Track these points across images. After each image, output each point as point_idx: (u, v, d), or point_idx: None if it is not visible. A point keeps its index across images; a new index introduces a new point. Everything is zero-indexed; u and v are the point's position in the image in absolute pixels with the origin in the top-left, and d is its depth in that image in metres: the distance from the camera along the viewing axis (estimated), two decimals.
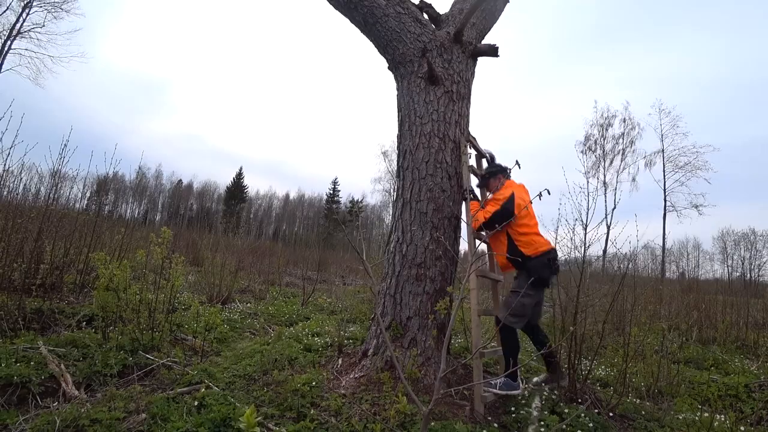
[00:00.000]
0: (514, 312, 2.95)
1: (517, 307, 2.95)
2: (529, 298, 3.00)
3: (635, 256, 4.20)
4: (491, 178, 3.47)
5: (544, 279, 3.00)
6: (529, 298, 3.00)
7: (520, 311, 2.97)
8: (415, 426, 2.41)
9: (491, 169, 3.51)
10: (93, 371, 2.90)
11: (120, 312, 3.50)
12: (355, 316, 6.12)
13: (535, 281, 2.94)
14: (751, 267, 35.51)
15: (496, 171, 3.47)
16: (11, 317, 3.45)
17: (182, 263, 3.84)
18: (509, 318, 2.95)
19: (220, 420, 2.29)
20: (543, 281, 3.00)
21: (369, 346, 3.29)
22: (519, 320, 3.00)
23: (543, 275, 2.98)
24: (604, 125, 28.66)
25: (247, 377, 3.10)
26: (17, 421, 2.20)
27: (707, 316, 7.15)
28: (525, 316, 3.01)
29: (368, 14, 3.61)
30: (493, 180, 3.45)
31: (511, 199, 3.07)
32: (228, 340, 4.38)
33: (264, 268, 10.59)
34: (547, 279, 3.02)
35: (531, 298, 3.01)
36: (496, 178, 3.44)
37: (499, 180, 3.42)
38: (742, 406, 3.51)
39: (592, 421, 2.60)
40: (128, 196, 55.62)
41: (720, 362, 5.05)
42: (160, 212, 59.53)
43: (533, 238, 3.07)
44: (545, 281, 3.03)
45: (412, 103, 3.59)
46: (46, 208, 4.70)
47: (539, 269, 2.98)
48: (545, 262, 2.99)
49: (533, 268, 2.99)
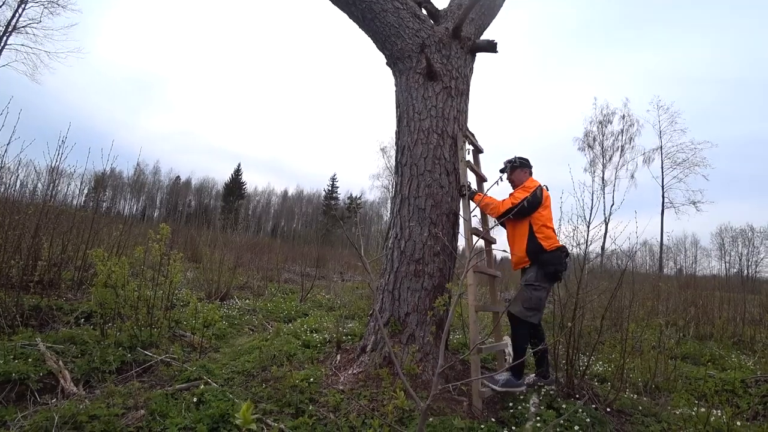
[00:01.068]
0: (530, 305, 3.00)
1: (534, 301, 3.01)
2: (544, 291, 3.07)
3: (633, 253, 4.20)
4: (519, 168, 3.45)
5: (558, 272, 3.05)
6: (544, 291, 3.07)
7: (536, 304, 3.02)
8: (413, 421, 2.42)
9: (521, 160, 3.48)
10: (91, 368, 2.91)
11: (118, 308, 3.50)
12: (354, 312, 6.14)
13: (548, 274, 3.01)
14: (748, 263, 35.65)
15: (525, 164, 3.47)
16: (9, 314, 3.45)
17: (180, 260, 3.83)
18: (524, 312, 2.99)
19: (218, 416, 2.30)
20: (556, 274, 3.06)
21: (367, 342, 3.29)
22: (535, 314, 3.03)
23: (558, 268, 3.04)
24: (604, 122, 28.69)
25: (246, 373, 3.11)
26: (16, 418, 2.20)
27: (704, 313, 7.19)
28: (540, 309, 3.06)
29: (366, 9, 3.59)
30: (521, 171, 3.44)
31: (540, 190, 3.16)
32: (226, 336, 4.38)
33: (262, 264, 10.60)
34: (560, 273, 3.08)
35: (545, 291, 3.09)
36: (523, 170, 3.44)
37: (525, 173, 3.44)
38: (738, 401, 3.53)
39: (590, 416, 2.61)
40: (126, 193, 55.42)
41: (717, 358, 5.08)
42: (158, 209, 59.41)
43: (551, 233, 3.14)
44: (557, 275, 3.08)
45: (411, 99, 3.58)
46: (44, 204, 4.69)
47: (554, 262, 3.04)
48: (559, 256, 3.06)
49: (548, 261, 3.04)
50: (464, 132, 3.63)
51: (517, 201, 3.07)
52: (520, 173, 3.44)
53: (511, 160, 3.49)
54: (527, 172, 3.45)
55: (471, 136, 3.72)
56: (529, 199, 3.02)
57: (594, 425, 2.56)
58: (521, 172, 3.44)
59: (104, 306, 3.43)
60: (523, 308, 3.01)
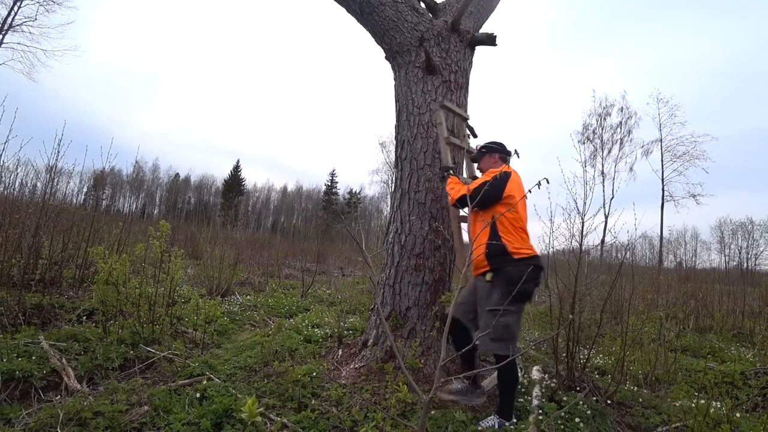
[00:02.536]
0: (497, 335, 2.35)
1: (499, 330, 2.34)
2: (513, 316, 2.41)
3: (633, 246, 4.20)
4: (487, 154, 2.90)
5: (528, 292, 2.42)
6: (513, 316, 2.41)
7: (504, 333, 2.37)
8: (416, 414, 2.44)
9: (489, 145, 2.93)
10: (94, 365, 2.92)
11: (120, 306, 3.51)
12: (355, 307, 6.15)
13: (516, 295, 2.18)
14: (748, 256, 35.63)
15: (495, 149, 2.89)
16: (11, 312, 3.46)
17: (181, 256, 3.84)
18: (492, 346, 2.38)
19: (221, 411, 2.32)
20: (525, 295, 2.41)
21: (368, 337, 3.31)
22: (506, 344, 2.37)
23: (527, 288, 2.36)
24: (603, 115, 28.59)
25: (248, 369, 3.12)
26: (20, 415, 2.22)
27: (704, 305, 7.22)
28: (513, 337, 2.42)
29: (364, 3, 3.57)
30: (489, 157, 2.89)
31: (505, 178, 2.54)
32: (228, 332, 4.40)
33: (263, 260, 10.61)
34: (530, 292, 2.45)
35: (514, 316, 2.42)
36: (492, 156, 2.88)
37: (495, 160, 2.87)
38: (738, 393, 3.55)
39: (590, 408, 2.63)
40: (125, 191, 55.40)
41: (716, 350, 5.10)
42: (157, 206, 59.37)
43: (521, 234, 2.52)
44: (528, 294, 2.44)
45: (410, 93, 3.56)
46: (43, 203, 4.68)
47: (519, 277, 2.29)
48: (528, 270, 2.30)
49: (513, 277, 2.35)
50: (443, 103, 3.28)
51: (472, 188, 2.56)
52: (488, 160, 2.89)
53: (483, 144, 2.96)
54: (496, 157, 2.87)
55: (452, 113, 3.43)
56: (486, 187, 2.46)
57: (595, 417, 2.58)
58: (489, 159, 2.88)
59: (106, 303, 3.44)
60: (491, 341, 2.35)
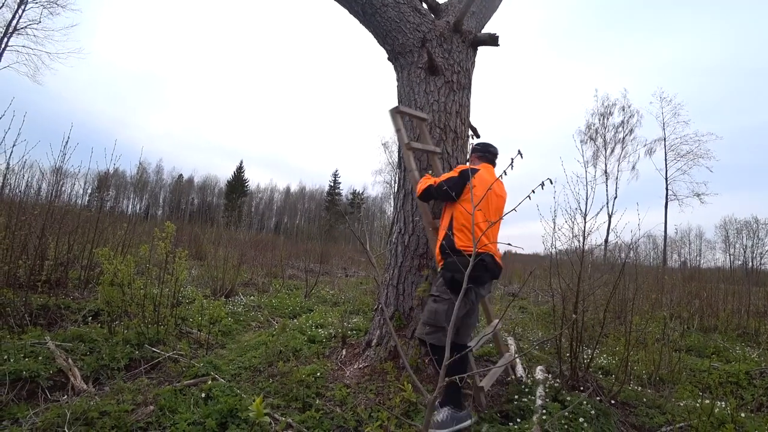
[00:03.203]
0: (427, 320, 2.44)
1: (430, 314, 2.43)
2: (443, 304, 2.43)
3: (637, 245, 4.19)
4: (473, 154, 2.95)
5: (456, 280, 2.38)
6: (443, 304, 2.43)
7: (433, 319, 2.42)
8: (419, 414, 2.44)
9: (474, 146, 2.96)
10: (100, 365, 2.94)
11: (125, 306, 3.53)
12: (358, 307, 6.17)
13: (447, 280, 2.39)
14: (753, 255, 35.43)
15: (475, 149, 2.91)
16: (18, 313, 3.49)
17: (185, 257, 3.86)
18: (421, 328, 2.47)
19: (227, 411, 2.33)
20: (453, 281, 2.41)
21: (372, 337, 3.32)
22: (430, 331, 2.41)
23: (456, 276, 2.36)
24: (605, 114, 28.52)
25: (253, 369, 3.14)
26: (28, 415, 2.24)
27: (709, 305, 7.17)
28: (440, 327, 2.40)
29: (367, 5, 3.58)
30: (474, 157, 2.93)
31: (466, 175, 2.53)
32: (233, 332, 4.42)
33: (266, 261, 10.64)
34: (460, 281, 2.33)
35: (444, 304, 2.44)
36: (473, 155, 2.92)
37: (473, 159, 2.91)
38: (742, 393, 3.54)
39: (594, 408, 2.63)
40: (129, 192, 55.68)
41: (721, 350, 5.08)
42: (161, 207, 59.67)
43: (469, 233, 2.46)
44: (457, 282, 2.38)
45: (413, 94, 3.57)
46: (49, 205, 4.73)
47: (455, 268, 2.35)
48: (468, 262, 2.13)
49: (453, 267, 2.38)
50: (398, 108, 3.21)
51: (438, 181, 2.63)
52: (473, 160, 2.92)
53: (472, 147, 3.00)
54: (473, 157, 2.92)
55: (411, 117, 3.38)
56: (449, 181, 2.53)
57: (598, 417, 2.57)
58: (473, 158, 2.92)
59: (111, 304, 3.46)
60: (421, 323, 2.47)
